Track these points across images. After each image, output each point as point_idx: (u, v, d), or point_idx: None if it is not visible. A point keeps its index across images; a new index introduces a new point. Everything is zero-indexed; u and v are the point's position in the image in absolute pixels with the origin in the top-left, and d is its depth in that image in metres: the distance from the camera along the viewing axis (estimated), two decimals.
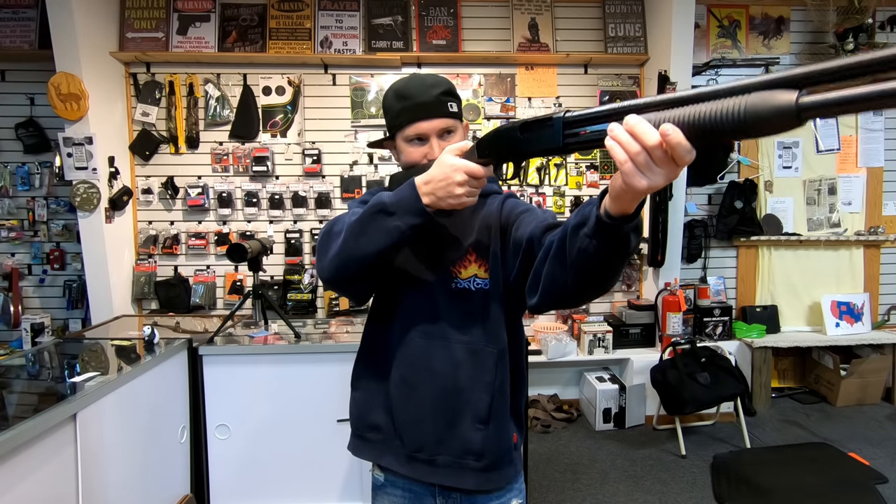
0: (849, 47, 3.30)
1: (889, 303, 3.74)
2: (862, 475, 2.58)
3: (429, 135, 1.04)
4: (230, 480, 2.22)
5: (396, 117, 1.06)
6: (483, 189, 1.07)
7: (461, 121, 1.11)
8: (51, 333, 3.23)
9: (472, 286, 1.07)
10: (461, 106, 1.11)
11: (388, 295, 1.12)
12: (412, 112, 1.04)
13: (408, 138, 1.06)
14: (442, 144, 1.04)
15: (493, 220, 1.08)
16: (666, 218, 3.19)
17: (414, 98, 1.04)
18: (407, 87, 1.06)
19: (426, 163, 1.05)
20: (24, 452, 1.35)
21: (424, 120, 1.03)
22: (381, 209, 0.93)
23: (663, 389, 2.91)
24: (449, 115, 1.05)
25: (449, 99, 1.05)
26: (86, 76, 2.88)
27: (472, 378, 1.06)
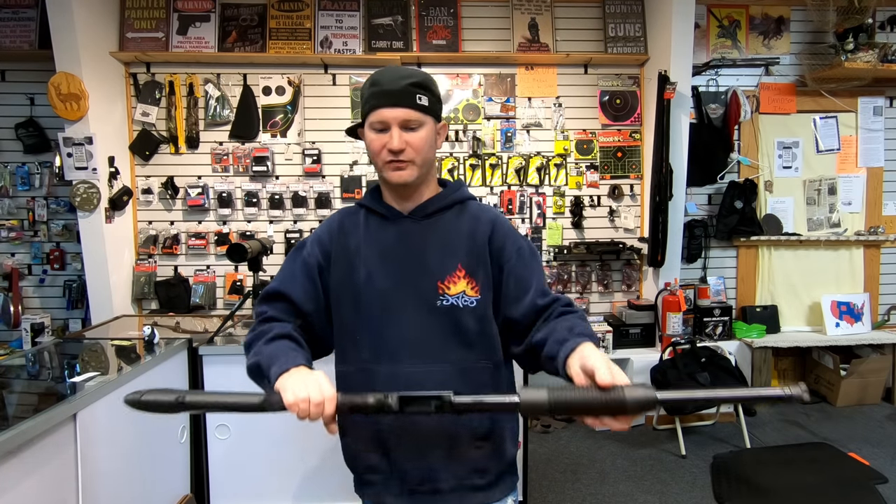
0: (849, 47, 3.30)
1: (889, 303, 3.74)
2: (862, 475, 2.58)
3: (390, 124, 1.00)
4: (230, 480, 2.22)
5: (365, 103, 1.03)
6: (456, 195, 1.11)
7: (435, 118, 1.06)
8: (51, 333, 3.23)
9: (461, 303, 1.03)
10: (438, 104, 1.07)
11: (357, 327, 1.06)
12: (377, 98, 1.00)
13: (371, 125, 1.02)
14: (404, 137, 1.00)
15: (481, 249, 1.06)
16: (666, 218, 3.19)
17: (382, 85, 1.01)
18: (380, 75, 1.03)
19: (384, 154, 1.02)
20: (24, 452, 1.35)
21: (387, 107, 0.99)
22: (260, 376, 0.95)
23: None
24: (415, 107, 1.00)
25: (419, 91, 1.01)
26: (86, 76, 2.88)
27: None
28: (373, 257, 1.06)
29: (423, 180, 1.07)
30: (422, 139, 1.01)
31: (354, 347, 1.06)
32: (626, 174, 3.50)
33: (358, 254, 1.07)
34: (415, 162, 1.02)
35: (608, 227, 3.53)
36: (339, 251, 1.09)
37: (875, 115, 3.64)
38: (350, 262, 1.07)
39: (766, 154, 3.61)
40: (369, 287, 1.05)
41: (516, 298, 1.04)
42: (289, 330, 1.00)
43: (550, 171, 3.46)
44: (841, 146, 3.64)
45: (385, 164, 1.02)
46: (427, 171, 1.07)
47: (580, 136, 3.47)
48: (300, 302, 1.07)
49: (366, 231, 1.09)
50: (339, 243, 1.09)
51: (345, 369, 1.09)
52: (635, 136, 3.50)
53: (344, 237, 1.10)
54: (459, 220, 1.09)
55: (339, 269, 1.08)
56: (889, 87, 3.62)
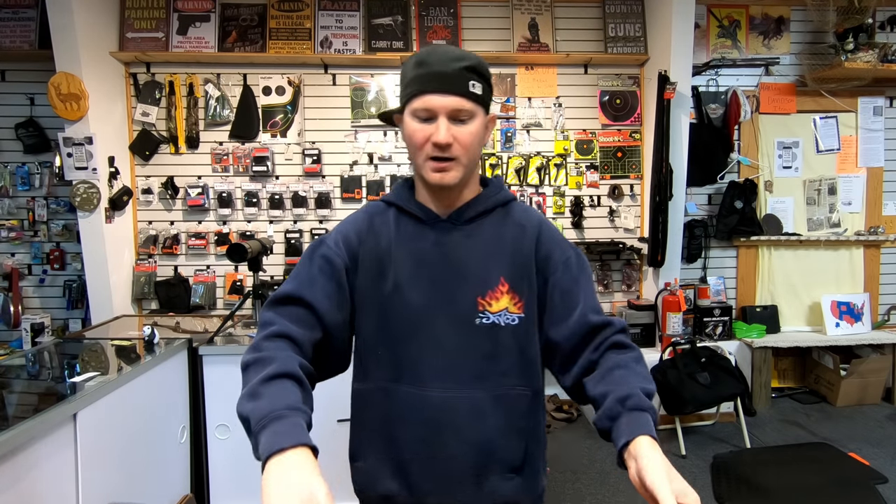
0: (849, 47, 3.30)
1: (889, 303, 3.74)
2: (862, 475, 2.58)
3: (437, 113, 0.86)
4: (230, 480, 2.21)
5: (408, 86, 0.89)
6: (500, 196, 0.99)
7: (486, 109, 0.92)
8: (51, 333, 3.22)
9: (502, 321, 0.92)
10: (490, 93, 0.93)
11: (381, 344, 0.94)
12: (424, 81, 0.86)
13: (415, 112, 0.88)
14: (453, 130, 0.87)
15: (527, 260, 0.95)
16: (666, 218, 3.19)
17: (431, 66, 0.87)
18: (428, 55, 0.88)
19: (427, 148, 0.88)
20: (24, 452, 1.35)
21: (436, 93, 0.86)
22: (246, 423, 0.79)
23: (663, 389, 2.91)
24: (467, 95, 0.87)
25: (472, 76, 0.87)
26: (86, 76, 2.88)
27: (504, 427, 0.92)
28: (404, 265, 0.94)
29: (466, 182, 0.94)
30: (472, 134, 0.89)
31: (376, 364, 0.95)
32: (626, 174, 3.51)
33: (388, 260, 0.94)
34: (461, 161, 0.89)
35: (608, 227, 3.53)
36: (368, 254, 0.95)
37: (875, 115, 3.64)
38: (379, 268, 0.94)
39: (766, 154, 3.61)
40: (398, 298, 0.93)
41: (560, 318, 0.93)
42: (293, 366, 0.82)
43: (550, 171, 3.46)
44: (841, 146, 3.64)
45: (426, 160, 0.89)
46: (472, 172, 0.94)
47: (580, 136, 3.47)
48: (323, 310, 0.91)
49: (397, 234, 0.96)
50: (369, 245, 0.96)
51: (362, 387, 0.98)
52: (635, 136, 3.50)
53: (374, 238, 0.96)
54: (503, 225, 0.97)
55: (365, 274, 0.95)
56: (889, 87, 3.62)
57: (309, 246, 0.99)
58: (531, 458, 0.96)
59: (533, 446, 0.96)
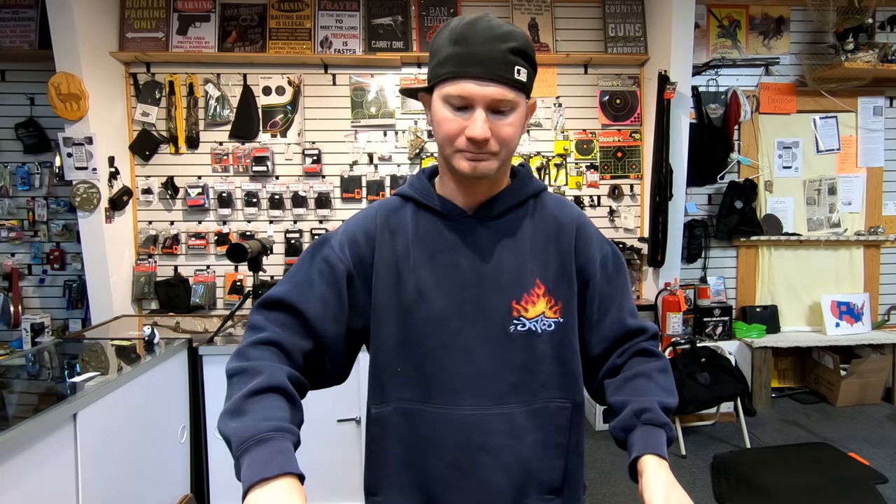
0: (849, 47, 3.30)
1: (889, 303, 3.73)
2: (862, 475, 2.57)
3: (475, 103, 0.75)
4: (230, 480, 2.20)
5: (442, 64, 0.76)
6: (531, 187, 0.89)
7: (528, 94, 0.81)
8: (51, 333, 3.23)
9: (539, 327, 0.83)
10: (533, 76, 0.81)
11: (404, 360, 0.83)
12: (463, 63, 0.74)
13: (447, 98, 0.76)
14: (491, 123, 0.76)
15: (566, 258, 0.86)
16: (666, 218, 3.19)
17: (471, 46, 0.74)
18: (469, 30, 0.75)
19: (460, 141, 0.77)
20: (24, 452, 1.35)
21: (475, 80, 0.74)
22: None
23: None
24: (512, 84, 0.75)
25: (518, 60, 0.75)
26: (86, 76, 2.88)
27: (542, 444, 0.83)
28: (426, 268, 0.83)
29: (501, 174, 0.85)
30: (513, 127, 0.78)
31: (396, 383, 0.84)
32: (626, 174, 3.50)
33: (407, 263, 0.83)
34: (499, 156, 0.79)
35: (608, 227, 3.53)
36: (382, 260, 0.84)
37: (875, 115, 3.64)
38: (396, 274, 0.84)
39: (766, 154, 3.61)
40: (421, 307, 0.82)
41: (595, 322, 0.87)
42: (281, 378, 0.73)
43: (550, 171, 3.46)
44: (841, 146, 3.64)
45: (458, 153, 0.78)
46: (507, 164, 0.84)
47: (580, 136, 3.47)
48: (316, 319, 0.81)
49: (416, 233, 0.85)
50: (383, 248, 0.85)
51: (381, 411, 0.86)
52: (635, 136, 3.49)
53: (389, 239, 0.85)
54: (537, 220, 0.87)
55: (381, 281, 0.84)
56: (889, 87, 3.62)
57: (311, 245, 0.89)
58: (571, 477, 0.86)
59: (573, 464, 0.87)
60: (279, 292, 0.83)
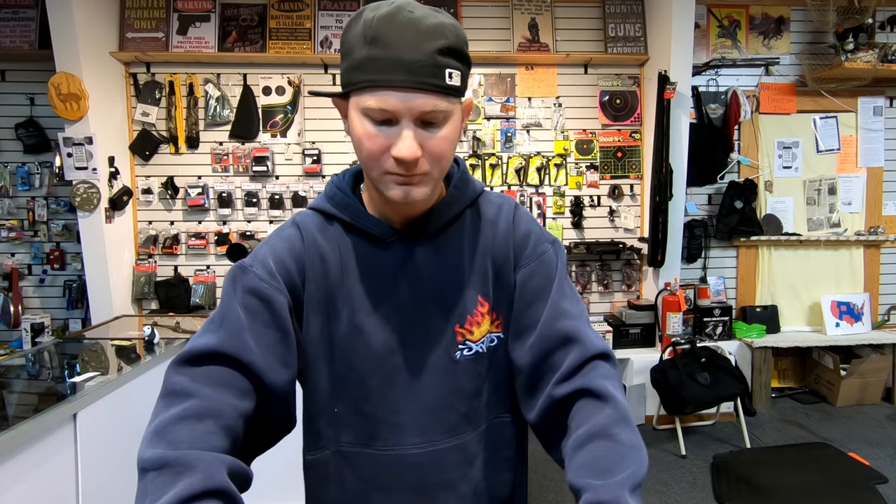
0: (849, 47, 3.30)
1: (889, 303, 3.73)
2: (862, 475, 2.58)
3: (401, 117, 0.62)
4: None
5: (357, 69, 0.63)
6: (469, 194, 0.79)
7: (460, 98, 0.68)
8: (51, 333, 3.22)
9: (485, 347, 0.77)
10: (468, 74, 0.68)
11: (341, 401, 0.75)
12: (383, 70, 0.61)
13: (367, 111, 0.63)
14: (421, 138, 0.64)
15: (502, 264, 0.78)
16: (666, 218, 3.19)
17: (392, 48, 0.60)
18: (387, 26, 0.61)
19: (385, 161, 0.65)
20: (24, 452, 1.35)
21: (400, 90, 0.61)
22: None
23: (663, 389, 2.91)
24: (442, 91, 0.62)
25: (449, 62, 0.63)
26: (86, 76, 2.88)
27: (491, 462, 0.80)
28: (363, 298, 0.74)
29: (435, 192, 0.74)
30: (446, 140, 0.66)
31: (333, 426, 0.76)
32: (626, 174, 3.50)
33: (340, 293, 0.74)
34: (432, 175, 0.67)
35: (608, 227, 3.53)
36: (314, 286, 0.73)
37: (875, 115, 3.64)
38: (329, 305, 0.74)
39: (766, 154, 3.61)
40: (359, 342, 0.73)
41: (524, 330, 0.76)
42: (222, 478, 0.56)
43: (550, 171, 3.46)
44: (841, 146, 3.64)
45: (384, 174, 0.66)
46: (441, 179, 0.72)
47: (580, 136, 3.47)
48: (263, 371, 0.66)
49: (346, 258, 0.75)
50: (314, 273, 0.73)
51: (318, 457, 0.78)
52: (635, 136, 3.49)
53: (320, 265, 0.74)
54: (474, 232, 0.78)
55: (313, 314, 0.73)
56: (889, 87, 3.62)
57: (228, 277, 0.71)
58: (518, 488, 0.83)
59: (520, 475, 0.83)
60: (207, 343, 0.65)
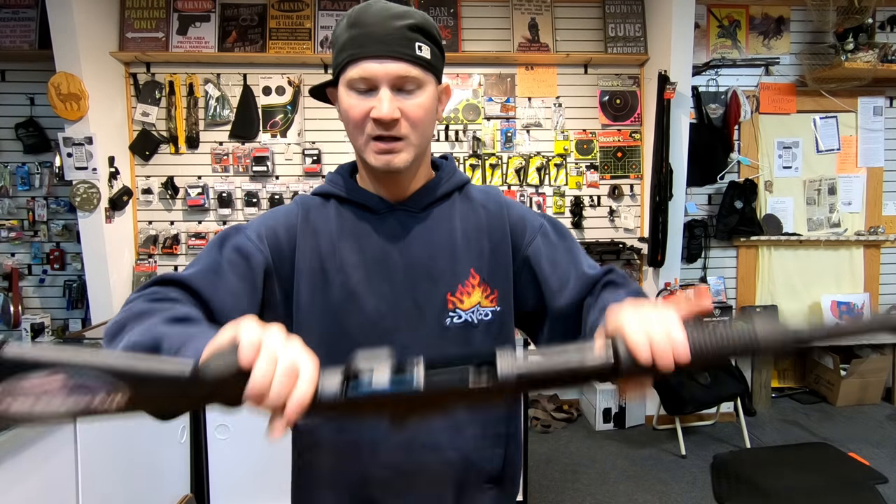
0: (849, 47, 3.30)
1: (889, 303, 3.73)
2: (862, 475, 2.57)
3: (378, 83, 0.72)
4: (230, 480, 2.21)
5: (341, 51, 0.74)
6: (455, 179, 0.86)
7: (437, 77, 0.78)
8: (51, 333, 3.23)
9: (475, 318, 0.81)
10: (442, 58, 0.79)
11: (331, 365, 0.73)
12: (360, 45, 0.72)
13: (351, 83, 0.73)
14: (398, 103, 0.72)
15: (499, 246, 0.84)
16: (666, 218, 3.19)
17: (367, 27, 0.72)
18: (364, 13, 0.73)
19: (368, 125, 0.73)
20: (24, 452, 1.35)
21: (374, 59, 0.71)
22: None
23: (663, 389, 2.91)
24: (414, 61, 0.72)
25: (417, 37, 0.73)
26: (86, 76, 2.88)
27: (482, 436, 0.83)
28: (355, 266, 0.78)
29: (418, 164, 0.80)
30: (421, 107, 0.74)
31: None
32: (626, 174, 3.50)
33: (333, 262, 0.79)
34: (410, 140, 0.75)
35: (608, 227, 3.53)
36: (305, 256, 0.79)
37: (875, 115, 3.64)
38: (322, 275, 0.79)
39: (766, 154, 3.61)
40: (351, 308, 0.78)
41: (560, 286, 0.81)
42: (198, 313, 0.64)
43: (550, 171, 3.46)
44: (841, 146, 3.64)
45: (368, 141, 0.74)
46: (424, 152, 0.80)
47: (580, 136, 3.47)
48: (222, 313, 0.69)
49: (340, 230, 0.80)
50: (305, 244, 0.79)
51: (308, 422, 0.81)
52: (635, 136, 3.49)
53: (312, 237, 0.80)
54: (465, 210, 0.85)
55: (305, 283, 0.79)
56: (889, 87, 3.62)
57: (219, 232, 0.78)
58: (510, 465, 0.86)
59: (512, 451, 0.86)
60: (180, 274, 0.71)
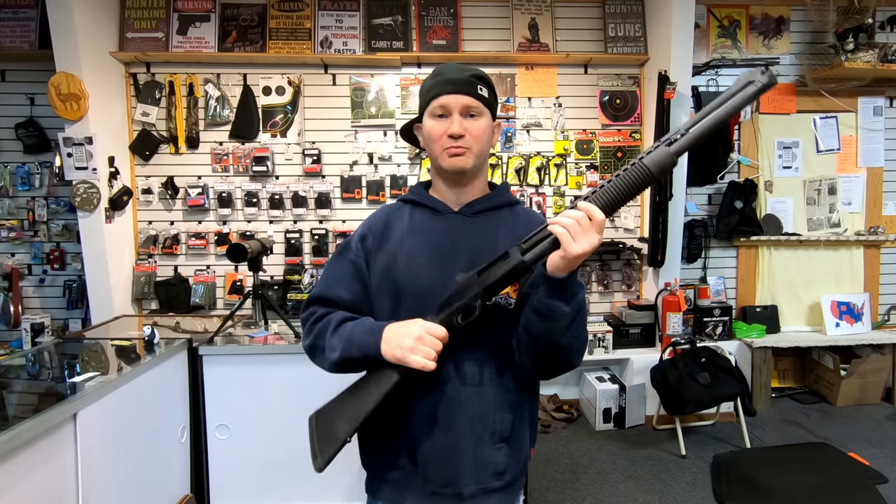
0: (849, 47, 3.30)
1: (889, 303, 3.73)
2: (862, 475, 2.58)
3: (451, 109, 1.04)
4: (230, 480, 2.22)
5: (426, 93, 1.07)
6: (506, 197, 1.13)
7: (492, 112, 1.09)
8: (51, 333, 3.22)
9: (501, 302, 1.03)
10: (495, 101, 1.10)
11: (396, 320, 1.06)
12: (441, 86, 1.04)
13: (432, 111, 1.05)
14: (465, 124, 1.03)
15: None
16: (666, 218, 3.19)
17: (445, 75, 1.05)
18: (444, 67, 1.08)
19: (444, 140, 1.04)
20: (24, 452, 1.35)
21: (450, 94, 1.03)
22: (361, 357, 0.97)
23: (663, 389, 2.91)
24: (476, 96, 1.04)
25: (479, 82, 1.05)
26: (86, 76, 2.88)
27: (496, 399, 1.04)
28: (417, 250, 1.06)
29: (477, 172, 1.09)
30: (481, 128, 1.05)
31: None
32: None
33: (402, 246, 1.07)
34: (472, 150, 1.04)
35: (608, 227, 3.53)
36: (381, 243, 1.09)
37: (875, 115, 3.64)
38: (392, 253, 1.07)
39: (766, 154, 3.61)
40: (410, 280, 1.04)
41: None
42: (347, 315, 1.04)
43: (550, 171, 3.46)
44: (841, 146, 3.64)
45: (443, 151, 1.04)
46: (482, 164, 1.10)
47: (580, 136, 3.47)
48: (348, 304, 1.07)
49: (410, 224, 1.10)
50: (382, 236, 1.10)
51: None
52: (635, 136, 3.49)
53: (388, 232, 1.10)
54: (510, 222, 1.10)
55: (381, 260, 1.08)
56: (889, 87, 3.62)
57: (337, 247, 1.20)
58: (518, 428, 1.07)
59: (519, 419, 1.07)
60: (317, 291, 1.10)
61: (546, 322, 0.93)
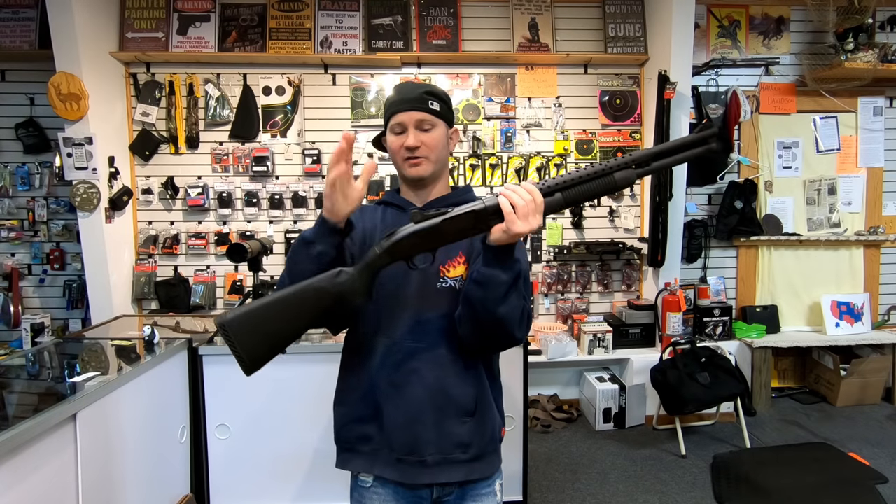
0: (849, 47, 3.30)
1: (889, 303, 3.74)
2: (862, 475, 2.58)
3: (407, 125, 1.15)
4: (230, 480, 2.21)
5: (386, 112, 1.20)
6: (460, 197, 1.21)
7: (446, 122, 1.20)
8: (51, 333, 3.23)
9: (458, 285, 1.14)
10: (449, 110, 1.21)
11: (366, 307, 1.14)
12: (396, 105, 1.17)
13: (392, 129, 1.18)
14: (419, 136, 1.15)
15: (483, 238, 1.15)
16: (666, 218, 3.19)
17: (400, 94, 1.18)
18: (399, 88, 1.21)
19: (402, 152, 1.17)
20: (24, 452, 1.35)
21: (404, 112, 1.15)
22: (303, 241, 1.11)
23: (663, 389, 2.91)
24: (428, 111, 1.15)
25: (431, 98, 1.16)
26: (86, 76, 2.88)
27: (458, 374, 1.12)
28: None
29: (436, 177, 1.21)
30: (434, 138, 1.16)
31: (362, 320, 1.17)
32: None
33: (374, 237, 1.19)
34: (429, 158, 1.16)
35: (608, 227, 3.53)
36: (360, 233, 1.20)
37: (875, 115, 3.64)
38: (367, 242, 1.19)
39: (766, 154, 3.61)
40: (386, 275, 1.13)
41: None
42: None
43: (550, 171, 3.46)
44: (841, 146, 3.64)
45: (403, 161, 1.17)
46: (440, 170, 1.21)
47: (580, 136, 3.47)
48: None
49: (382, 220, 1.23)
50: (361, 226, 1.21)
51: (352, 337, 1.21)
52: (635, 136, 3.50)
53: (365, 222, 1.23)
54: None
55: (357, 248, 1.19)
56: (889, 87, 3.62)
57: None
58: (481, 403, 1.15)
59: (482, 393, 1.15)
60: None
61: (483, 290, 0.99)
